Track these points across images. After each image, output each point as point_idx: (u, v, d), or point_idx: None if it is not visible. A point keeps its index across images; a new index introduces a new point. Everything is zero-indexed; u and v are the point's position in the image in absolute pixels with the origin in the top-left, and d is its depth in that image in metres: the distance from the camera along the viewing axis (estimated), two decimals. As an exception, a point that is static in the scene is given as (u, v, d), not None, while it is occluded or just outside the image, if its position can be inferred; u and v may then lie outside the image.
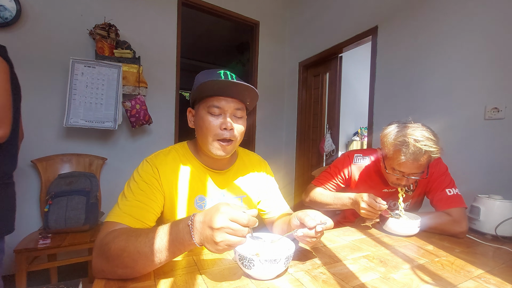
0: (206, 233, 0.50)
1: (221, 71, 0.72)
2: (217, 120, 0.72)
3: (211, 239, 0.49)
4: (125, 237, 0.54)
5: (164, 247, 0.52)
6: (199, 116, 0.73)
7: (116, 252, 0.53)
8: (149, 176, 0.71)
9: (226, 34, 4.48)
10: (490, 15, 1.44)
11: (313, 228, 0.62)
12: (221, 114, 0.72)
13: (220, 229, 0.48)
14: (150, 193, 0.69)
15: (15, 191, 1.08)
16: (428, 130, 0.91)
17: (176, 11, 2.45)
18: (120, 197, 0.68)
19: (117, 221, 0.61)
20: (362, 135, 3.54)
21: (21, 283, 1.36)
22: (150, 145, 2.30)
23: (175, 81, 2.46)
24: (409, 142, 0.87)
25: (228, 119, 0.71)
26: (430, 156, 0.89)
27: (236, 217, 0.49)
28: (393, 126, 0.98)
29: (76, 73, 1.84)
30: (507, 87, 1.37)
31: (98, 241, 0.58)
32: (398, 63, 1.93)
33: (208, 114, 0.71)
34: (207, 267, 0.62)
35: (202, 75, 0.74)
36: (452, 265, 0.69)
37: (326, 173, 1.25)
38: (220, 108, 0.71)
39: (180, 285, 0.53)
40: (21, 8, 1.77)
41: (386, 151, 0.97)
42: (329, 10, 2.63)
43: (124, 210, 0.63)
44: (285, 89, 3.33)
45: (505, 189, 1.32)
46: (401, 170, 0.94)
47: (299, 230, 0.64)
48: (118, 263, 0.53)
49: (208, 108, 0.71)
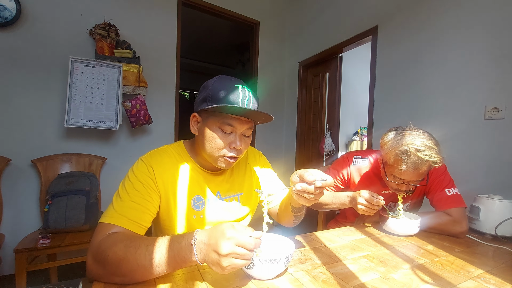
0: (211, 256, 0.49)
1: (239, 85, 0.69)
2: (227, 138, 0.70)
3: (217, 263, 0.49)
4: (123, 247, 0.53)
5: (164, 262, 0.52)
6: (208, 127, 0.70)
7: (114, 261, 0.52)
8: (144, 176, 0.69)
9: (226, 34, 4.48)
10: (490, 15, 1.44)
11: (312, 183, 0.61)
12: (232, 132, 0.71)
13: (227, 255, 0.48)
14: (146, 194, 0.67)
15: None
16: (429, 138, 0.90)
17: (176, 11, 2.45)
18: (115, 198, 0.66)
19: (112, 223, 0.60)
20: (362, 135, 3.54)
21: (21, 283, 1.36)
22: (150, 145, 2.30)
23: (175, 81, 2.46)
24: (410, 151, 0.86)
25: (238, 140, 0.70)
26: (431, 165, 0.89)
27: (243, 243, 0.48)
28: (392, 133, 0.97)
29: (76, 73, 1.84)
30: (507, 87, 1.37)
31: (94, 246, 0.57)
32: (398, 63, 1.93)
33: (219, 130, 0.69)
34: (207, 267, 0.62)
35: (218, 86, 0.69)
36: (452, 265, 0.69)
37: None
38: (233, 127, 0.70)
39: (180, 285, 0.53)
40: (21, 8, 1.77)
41: (387, 159, 0.97)
42: (329, 10, 2.63)
43: (119, 211, 0.62)
44: (285, 89, 3.33)
45: (505, 189, 1.32)
46: (402, 178, 0.94)
47: (297, 185, 0.63)
48: (115, 271, 0.53)
49: (221, 124, 0.69)
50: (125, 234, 0.59)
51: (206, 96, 0.69)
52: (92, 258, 0.56)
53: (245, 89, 0.70)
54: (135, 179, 0.68)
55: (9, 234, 1.70)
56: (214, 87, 0.69)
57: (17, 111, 1.81)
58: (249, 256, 0.49)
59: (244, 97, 0.68)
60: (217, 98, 0.67)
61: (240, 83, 0.71)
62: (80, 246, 1.50)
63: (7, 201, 1.74)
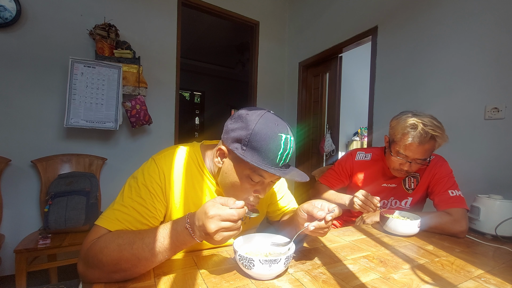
0: (203, 235, 0.53)
1: (282, 135, 0.60)
2: (254, 186, 0.65)
3: (211, 240, 0.53)
4: (116, 247, 0.53)
5: (166, 249, 0.54)
6: (236, 171, 0.64)
7: (110, 262, 0.52)
8: (153, 183, 0.64)
9: (226, 34, 4.48)
10: (490, 15, 1.44)
11: (323, 219, 0.62)
12: (260, 181, 0.65)
13: (216, 232, 0.51)
14: (150, 204, 0.63)
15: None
16: (436, 119, 1.00)
17: (176, 11, 2.45)
18: (119, 198, 0.63)
19: (109, 229, 0.58)
20: (362, 135, 3.54)
21: (21, 283, 1.36)
22: (150, 145, 2.30)
23: (175, 81, 2.46)
24: (417, 125, 0.95)
25: (265, 189, 0.67)
26: (435, 142, 0.98)
27: (227, 217, 0.51)
28: (405, 112, 1.05)
29: (76, 73, 1.84)
30: (507, 87, 1.37)
31: (83, 251, 0.56)
32: (398, 63, 1.93)
33: (248, 178, 0.64)
34: (207, 267, 0.62)
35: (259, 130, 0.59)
36: (452, 265, 0.69)
37: (331, 171, 1.33)
38: (264, 178, 0.64)
39: (180, 285, 0.53)
40: (21, 8, 1.77)
41: (394, 135, 1.04)
42: (329, 10, 2.63)
43: (119, 217, 0.59)
44: (285, 89, 3.33)
45: (505, 189, 1.32)
46: (406, 153, 1.01)
47: (310, 225, 0.63)
48: (115, 269, 0.53)
49: (251, 174, 0.63)
50: (113, 234, 0.56)
51: (242, 138, 0.60)
52: (84, 264, 0.55)
53: (287, 139, 0.61)
54: (143, 184, 0.64)
55: (9, 235, 1.70)
56: (254, 133, 0.59)
57: (17, 112, 1.81)
58: (236, 226, 0.53)
59: (284, 150, 0.61)
60: (255, 147, 0.59)
61: (285, 131, 0.62)
62: (80, 247, 1.49)
63: (7, 202, 1.74)
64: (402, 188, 1.17)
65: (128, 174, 0.71)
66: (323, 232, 0.64)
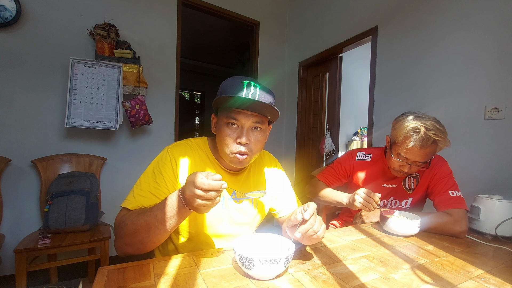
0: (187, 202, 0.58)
1: (245, 82, 0.71)
2: (234, 133, 0.72)
3: (190, 206, 0.58)
4: (135, 216, 0.65)
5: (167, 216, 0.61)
6: (219, 125, 0.75)
7: (129, 232, 0.64)
8: (166, 169, 0.74)
9: (226, 34, 4.49)
10: (490, 15, 1.44)
11: (303, 221, 0.63)
12: (239, 127, 0.72)
13: (190, 197, 0.56)
14: (164, 187, 0.73)
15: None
16: (439, 123, 0.99)
17: (176, 11, 2.45)
18: (138, 183, 0.74)
19: (130, 209, 0.70)
20: (362, 135, 3.54)
21: (21, 283, 1.36)
22: (150, 145, 2.30)
23: (175, 81, 2.46)
24: (420, 129, 0.95)
25: (244, 135, 0.71)
26: (437, 146, 0.97)
27: (198, 184, 0.54)
28: (407, 114, 1.04)
29: (76, 73, 1.84)
30: (507, 87, 1.37)
31: (115, 224, 0.69)
32: (398, 63, 1.93)
33: (226, 125, 0.72)
34: (207, 267, 0.62)
35: (227, 83, 0.73)
36: (452, 265, 0.69)
37: (330, 168, 1.33)
38: (238, 121, 0.71)
39: (180, 285, 0.53)
40: (21, 8, 1.77)
41: (396, 137, 1.04)
42: (329, 10, 2.63)
43: (138, 199, 0.71)
44: (285, 89, 3.33)
45: (505, 189, 1.32)
46: (407, 156, 1.01)
47: (296, 233, 0.63)
48: (135, 236, 0.64)
49: (227, 119, 0.72)
50: (132, 212, 0.69)
51: (217, 94, 0.74)
52: (116, 235, 0.68)
53: (251, 84, 0.71)
54: (158, 170, 0.74)
55: (9, 234, 1.70)
56: (223, 84, 0.74)
57: (17, 112, 1.81)
58: (208, 196, 0.54)
59: (249, 91, 0.69)
60: (223, 91, 0.72)
61: (249, 79, 0.72)
62: (80, 246, 1.50)
63: (7, 201, 1.74)
64: (402, 188, 1.17)
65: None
66: (314, 233, 0.63)
